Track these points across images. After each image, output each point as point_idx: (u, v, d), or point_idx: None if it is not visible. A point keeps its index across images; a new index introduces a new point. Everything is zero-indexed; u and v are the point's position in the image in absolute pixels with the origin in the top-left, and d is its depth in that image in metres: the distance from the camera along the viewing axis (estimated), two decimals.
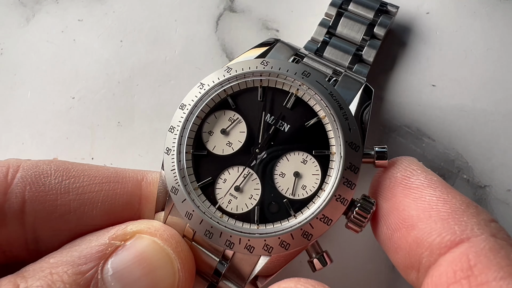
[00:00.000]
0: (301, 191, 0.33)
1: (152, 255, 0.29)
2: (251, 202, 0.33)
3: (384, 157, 0.32)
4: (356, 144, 0.32)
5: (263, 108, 0.34)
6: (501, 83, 0.42)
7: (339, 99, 0.33)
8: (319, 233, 0.31)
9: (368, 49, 0.38)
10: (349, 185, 0.31)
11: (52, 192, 0.31)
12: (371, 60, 0.38)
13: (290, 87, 0.34)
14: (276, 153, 0.33)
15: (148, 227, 0.31)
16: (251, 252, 0.31)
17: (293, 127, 0.34)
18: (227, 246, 0.31)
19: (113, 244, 0.29)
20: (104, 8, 0.48)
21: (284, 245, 0.31)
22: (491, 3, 0.44)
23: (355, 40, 0.39)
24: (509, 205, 0.39)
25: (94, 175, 0.33)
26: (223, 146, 0.34)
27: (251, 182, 0.33)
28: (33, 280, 0.27)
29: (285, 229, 0.31)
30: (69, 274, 0.27)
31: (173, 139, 0.34)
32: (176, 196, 0.32)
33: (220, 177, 0.33)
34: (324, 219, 0.31)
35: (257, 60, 0.35)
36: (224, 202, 0.33)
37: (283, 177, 0.33)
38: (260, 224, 0.32)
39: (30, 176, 0.31)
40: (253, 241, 0.31)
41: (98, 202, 0.32)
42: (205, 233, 0.31)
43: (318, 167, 0.33)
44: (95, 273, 0.28)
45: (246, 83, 0.35)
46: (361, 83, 0.35)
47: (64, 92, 0.46)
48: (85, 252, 0.28)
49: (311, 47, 0.39)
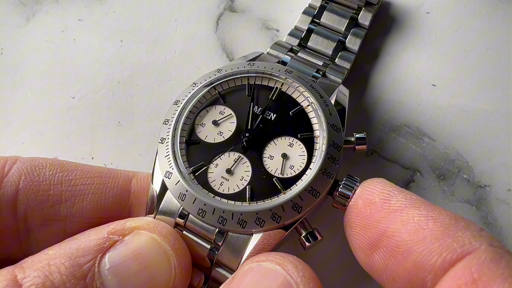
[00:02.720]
0: (289, 170, 0.34)
1: (150, 251, 0.29)
2: (242, 183, 0.34)
3: (363, 143, 0.35)
4: (337, 126, 0.35)
5: (251, 101, 0.37)
6: (501, 83, 0.42)
7: (319, 90, 0.36)
8: (309, 205, 0.32)
9: (351, 38, 0.41)
10: (333, 161, 0.33)
11: (46, 183, 0.32)
12: (355, 48, 0.41)
13: (275, 82, 0.37)
14: (264, 139, 0.36)
15: (147, 224, 0.31)
16: (243, 228, 0.32)
17: (279, 116, 0.36)
18: (219, 224, 0.32)
19: (111, 239, 0.29)
20: (104, 8, 0.48)
21: (276, 218, 0.32)
22: (492, 3, 0.44)
23: (339, 29, 0.42)
24: (509, 205, 0.39)
25: (87, 170, 0.34)
26: (215, 135, 0.36)
27: (242, 165, 0.35)
28: (31, 270, 0.27)
29: (276, 203, 0.32)
30: (67, 266, 0.27)
31: (167, 130, 0.36)
32: (170, 180, 0.34)
33: (212, 162, 0.35)
34: (312, 192, 0.32)
35: (245, 62, 0.38)
36: (216, 185, 0.34)
37: (272, 159, 0.35)
38: (251, 201, 0.33)
39: (26, 167, 0.33)
40: (246, 215, 0.32)
41: (89, 194, 0.33)
42: (198, 212, 0.32)
43: (304, 149, 0.35)
44: (92, 266, 0.28)
45: (235, 81, 0.38)
46: (337, 84, 0.38)
47: (64, 92, 0.46)
48: (83, 245, 0.29)
49: (297, 34, 0.42)
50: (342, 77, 0.39)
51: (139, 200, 0.35)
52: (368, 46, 0.44)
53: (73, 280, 0.27)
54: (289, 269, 0.27)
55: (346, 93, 0.38)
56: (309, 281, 0.27)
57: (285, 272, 0.27)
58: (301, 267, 0.27)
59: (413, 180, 0.41)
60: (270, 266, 0.28)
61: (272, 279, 0.27)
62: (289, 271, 0.27)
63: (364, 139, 0.35)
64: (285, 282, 0.26)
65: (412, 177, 0.41)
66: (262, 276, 0.27)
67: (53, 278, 0.27)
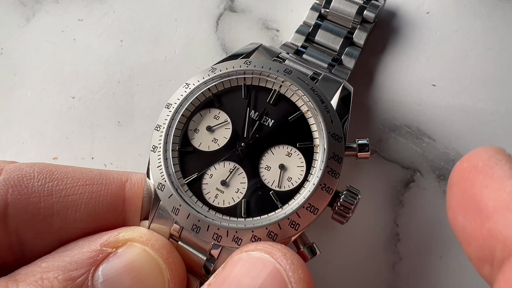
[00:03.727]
0: (287, 183, 0.33)
1: (143, 264, 0.29)
2: (238, 196, 0.33)
3: (366, 150, 0.33)
4: (338, 135, 0.33)
5: (247, 105, 0.35)
6: (501, 83, 0.42)
7: (320, 94, 0.34)
8: (306, 222, 0.31)
9: (359, 32, 0.40)
10: (333, 175, 0.32)
11: (35, 195, 0.31)
12: (361, 42, 0.40)
13: (273, 84, 0.35)
14: (261, 147, 0.34)
15: (140, 236, 0.30)
16: (238, 245, 0.31)
17: (277, 122, 0.34)
18: (214, 240, 0.31)
19: (104, 251, 0.29)
20: (104, 8, 0.48)
21: (272, 236, 0.31)
22: (491, 3, 0.44)
23: (346, 25, 0.41)
24: None
25: (78, 177, 0.32)
26: (209, 143, 0.35)
27: (237, 176, 0.34)
28: (24, 284, 0.27)
29: (272, 220, 0.31)
30: (60, 280, 0.27)
31: (159, 137, 0.34)
32: (163, 192, 0.32)
33: (207, 172, 0.34)
34: (310, 208, 0.31)
35: (240, 60, 0.36)
36: (211, 197, 0.33)
37: (269, 170, 0.34)
38: (247, 217, 0.32)
39: (12, 179, 0.31)
40: (241, 233, 0.31)
41: (82, 204, 0.32)
42: (192, 228, 0.32)
43: (302, 159, 0.33)
44: (85, 279, 0.27)
45: (230, 82, 0.36)
46: (340, 82, 0.36)
47: (64, 92, 0.46)
48: (77, 258, 0.28)
49: (304, 30, 0.41)
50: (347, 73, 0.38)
51: (134, 205, 0.34)
52: (368, 46, 0.44)
53: None
54: (278, 257, 0.27)
55: (351, 89, 0.36)
56: (297, 268, 0.27)
57: (274, 260, 0.27)
58: (290, 255, 0.27)
59: (413, 180, 0.41)
60: (259, 255, 0.28)
61: (261, 267, 0.27)
62: (278, 259, 0.27)
63: (367, 146, 0.34)
64: (274, 270, 0.27)
65: (412, 177, 0.41)
66: (252, 265, 0.27)
67: None
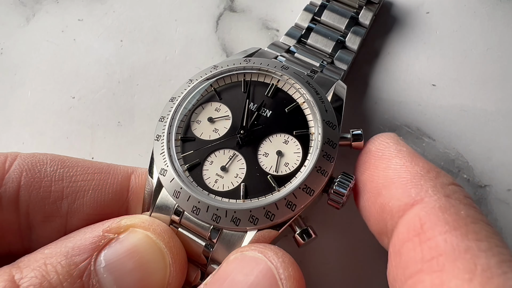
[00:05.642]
0: (284, 167, 0.34)
1: (145, 249, 0.30)
2: (237, 180, 0.34)
3: (360, 139, 0.35)
4: (332, 123, 0.35)
5: (246, 97, 0.37)
6: (501, 83, 0.42)
7: (315, 87, 0.36)
8: (302, 203, 0.32)
9: (351, 36, 0.42)
10: (328, 158, 0.33)
11: (47, 179, 0.33)
12: (355, 47, 0.41)
13: (271, 79, 0.37)
14: (260, 136, 0.36)
15: (142, 221, 0.31)
16: (237, 225, 0.32)
17: (275, 113, 0.36)
18: (213, 221, 0.32)
19: (106, 237, 0.30)
20: (104, 8, 0.48)
21: (269, 216, 0.32)
22: (491, 3, 0.44)
23: (339, 28, 0.42)
24: (509, 205, 0.39)
25: (88, 166, 0.34)
26: (210, 132, 0.36)
27: (237, 162, 0.35)
28: (28, 270, 0.27)
29: (270, 201, 0.32)
30: (63, 265, 0.28)
31: (162, 127, 0.36)
32: (165, 177, 0.34)
33: (207, 159, 0.35)
34: (306, 189, 0.32)
35: (241, 58, 0.38)
36: (211, 182, 0.34)
37: (267, 156, 0.35)
38: (245, 199, 0.34)
39: (27, 163, 0.33)
40: (239, 213, 0.32)
41: (89, 190, 0.33)
42: (193, 209, 0.33)
43: (299, 146, 0.35)
44: (88, 264, 0.28)
45: (231, 77, 0.38)
46: (334, 81, 0.38)
47: (64, 92, 0.46)
48: (79, 244, 0.29)
49: (295, 33, 0.42)
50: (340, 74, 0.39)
51: (137, 196, 0.35)
52: (368, 46, 0.44)
53: (70, 279, 0.27)
54: (270, 256, 0.29)
55: (344, 87, 0.38)
56: (288, 265, 0.28)
57: (266, 258, 0.29)
58: (281, 254, 0.29)
59: None
60: (253, 254, 0.29)
61: (254, 265, 0.28)
62: (270, 258, 0.29)
63: (361, 136, 0.35)
64: (266, 267, 0.28)
65: None
66: (245, 263, 0.29)
67: (50, 277, 0.27)
